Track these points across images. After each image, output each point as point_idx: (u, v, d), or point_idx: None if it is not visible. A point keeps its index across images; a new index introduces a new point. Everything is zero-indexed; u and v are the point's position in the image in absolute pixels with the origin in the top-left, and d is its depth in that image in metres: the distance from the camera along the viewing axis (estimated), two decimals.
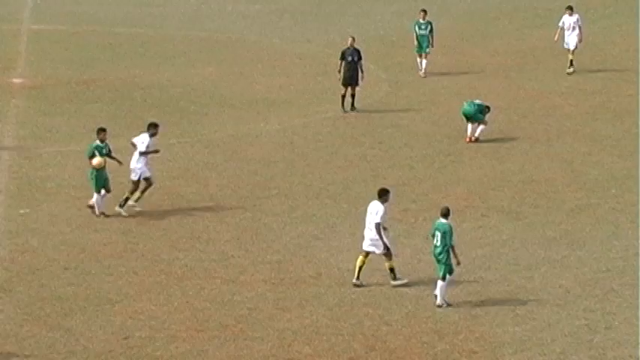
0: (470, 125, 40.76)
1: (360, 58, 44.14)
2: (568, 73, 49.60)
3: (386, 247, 29.08)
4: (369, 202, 29.74)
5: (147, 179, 34.41)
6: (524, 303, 28.54)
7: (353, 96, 44.13)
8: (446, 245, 28.30)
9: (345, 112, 43.97)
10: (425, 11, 49.51)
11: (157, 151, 35.02)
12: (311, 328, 27.11)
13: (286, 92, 47.14)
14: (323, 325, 27.29)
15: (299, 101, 45.89)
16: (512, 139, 41.30)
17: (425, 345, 26.45)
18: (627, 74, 49.71)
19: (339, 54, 44.40)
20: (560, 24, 49.86)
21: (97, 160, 28.81)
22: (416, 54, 49.36)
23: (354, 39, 44.56)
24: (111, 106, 44.57)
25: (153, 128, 34.82)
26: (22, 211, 34.15)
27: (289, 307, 28.19)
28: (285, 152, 39.78)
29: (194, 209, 34.53)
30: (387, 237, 29.22)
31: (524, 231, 32.95)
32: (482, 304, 28.49)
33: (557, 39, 49.51)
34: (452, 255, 28.27)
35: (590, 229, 33.13)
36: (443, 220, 28.61)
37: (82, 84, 47.57)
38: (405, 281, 29.27)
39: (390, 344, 26.49)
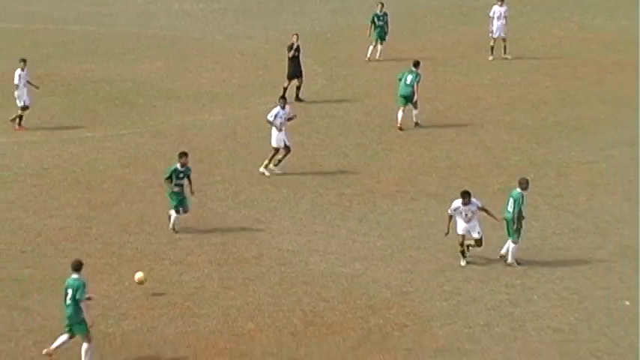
0: (401, 112, 40.83)
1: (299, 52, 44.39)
2: (507, 59, 50.41)
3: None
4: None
5: (286, 147, 36.09)
6: (450, 280, 28.69)
7: (298, 87, 44.32)
8: (516, 212, 29.12)
9: (301, 101, 44.22)
10: (382, 4, 50.55)
11: (292, 118, 36.64)
12: (254, 305, 27.11)
13: (229, 86, 47.11)
14: (265, 302, 27.30)
15: (241, 94, 45.87)
16: (439, 128, 41.47)
17: (359, 320, 26.51)
18: (544, 68, 50.12)
19: (287, 49, 44.51)
20: (491, 14, 50.45)
21: (139, 276, 27.47)
22: (373, 42, 50.68)
23: (298, 36, 44.64)
24: (64, 99, 44.37)
25: (282, 101, 36.72)
26: None
27: (233, 286, 28.19)
28: (228, 142, 39.75)
29: (143, 195, 34.43)
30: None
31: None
32: (412, 281, 28.61)
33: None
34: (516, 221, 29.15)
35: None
36: (518, 190, 29.46)
37: (36, 79, 47.12)
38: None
39: (327, 319, 26.54)
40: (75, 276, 24.11)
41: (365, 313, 26.80)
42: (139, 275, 26.18)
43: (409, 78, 40.84)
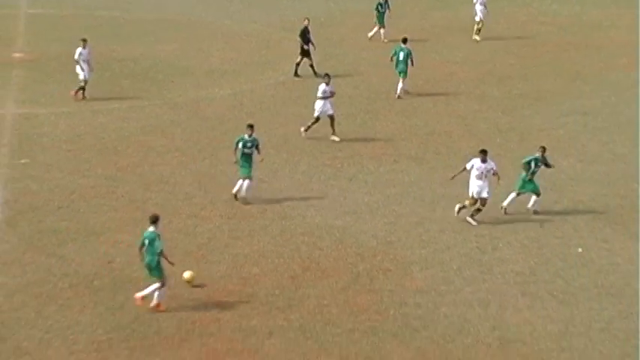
0: (401, 83, 41.14)
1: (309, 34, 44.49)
2: (476, 40, 50.22)
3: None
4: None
5: (330, 116, 35.77)
6: (428, 230, 28.75)
7: (312, 65, 44.23)
8: (532, 173, 29.47)
9: (299, 77, 44.04)
10: None
11: (333, 94, 36.13)
12: (258, 253, 27.18)
13: (236, 63, 46.98)
14: (268, 250, 27.37)
15: (246, 70, 45.76)
16: (418, 99, 41.44)
17: (350, 265, 26.59)
18: (508, 47, 50.00)
19: (299, 32, 44.49)
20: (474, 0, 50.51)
21: (188, 275, 25.60)
22: (377, 25, 50.46)
23: (309, 20, 44.76)
24: (94, 75, 44.19)
25: (327, 78, 36.27)
26: (22, 161, 33.91)
27: (240, 237, 28.24)
28: (235, 112, 39.69)
29: (163, 159, 34.41)
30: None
31: (428, 173, 33.14)
32: (395, 231, 28.67)
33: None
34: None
35: None
36: (537, 155, 29.75)
37: (69, 57, 47.00)
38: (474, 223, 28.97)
39: (321, 265, 26.61)
40: (151, 229, 24.09)
41: (354, 260, 26.88)
42: (187, 275, 25.21)
43: (401, 55, 41.09)
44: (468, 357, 22.36)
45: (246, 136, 30.66)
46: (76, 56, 40.42)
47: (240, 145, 30.55)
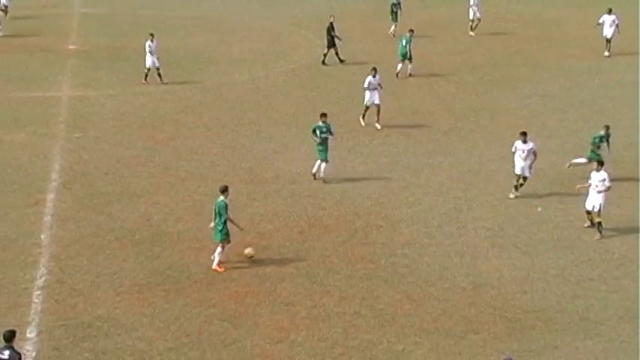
0: (401, 65, 41.50)
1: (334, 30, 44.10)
2: (471, 35, 49.85)
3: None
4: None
5: (377, 105, 34.45)
6: (414, 193, 28.69)
7: (337, 53, 43.92)
8: (598, 147, 28.97)
9: (326, 65, 43.66)
10: None
11: (380, 86, 34.62)
12: (272, 212, 27.14)
13: (253, 54, 46.77)
14: (280, 210, 27.32)
15: (262, 59, 45.57)
16: (405, 84, 41.25)
17: (348, 222, 26.54)
18: (481, 41, 49.68)
19: (327, 28, 44.15)
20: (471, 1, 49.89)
21: (248, 251, 24.06)
22: (391, 22, 49.63)
23: (334, 16, 44.47)
24: (135, 64, 44.08)
25: (373, 71, 34.53)
26: (76, 135, 33.84)
27: (257, 198, 28.19)
28: (253, 94, 39.56)
29: (193, 133, 34.32)
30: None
31: (414, 145, 33.04)
32: (386, 194, 28.60)
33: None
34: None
35: (457, 144, 33.28)
36: (602, 132, 29.31)
37: (115, 49, 47.00)
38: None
39: (324, 222, 26.57)
40: (221, 197, 23.56)
41: (352, 218, 26.83)
42: (248, 251, 24.02)
43: (404, 41, 41.62)
44: (447, 298, 22.34)
45: (320, 123, 29.31)
46: (146, 48, 40.15)
47: (318, 131, 29.28)
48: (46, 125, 34.88)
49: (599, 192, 25.42)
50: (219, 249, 23.56)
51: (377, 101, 34.43)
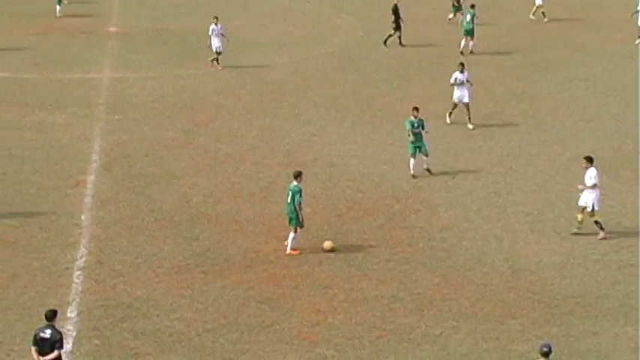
0: (464, 41, 41.90)
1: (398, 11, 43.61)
2: (531, 19, 49.00)
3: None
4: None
5: (465, 104, 32.34)
6: (452, 177, 28.57)
7: (399, 37, 43.60)
8: None
9: (387, 46, 43.51)
10: None
11: (468, 82, 32.44)
12: (310, 195, 27.07)
13: (293, 37, 46.76)
14: (318, 193, 27.32)
15: (301, 43, 45.53)
16: (447, 67, 40.99)
17: (386, 205, 26.50)
18: (522, 23, 49.18)
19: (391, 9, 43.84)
20: None
21: (328, 245, 23.52)
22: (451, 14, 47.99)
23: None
24: (175, 46, 44.33)
25: (460, 66, 32.63)
26: (117, 117, 34.08)
27: None
28: (292, 77, 39.55)
29: (232, 115, 34.42)
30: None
31: (453, 129, 32.85)
32: (425, 177, 28.51)
33: None
34: None
35: (497, 128, 33.07)
36: None
37: (155, 31, 47.19)
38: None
39: (363, 205, 26.55)
40: (295, 183, 23.42)
41: (390, 201, 26.78)
42: (327, 245, 23.45)
43: (468, 17, 42.14)
44: (485, 283, 22.25)
45: (412, 118, 28.41)
46: (210, 32, 40.16)
47: (409, 126, 28.26)
48: (87, 107, 35.14)
49: (583, 189, 24.21)
50: (292, 234, 23.36)
51: (466, 99, 32.37)
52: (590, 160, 24.58)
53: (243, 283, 22.09)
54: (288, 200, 23.34)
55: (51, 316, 17.29)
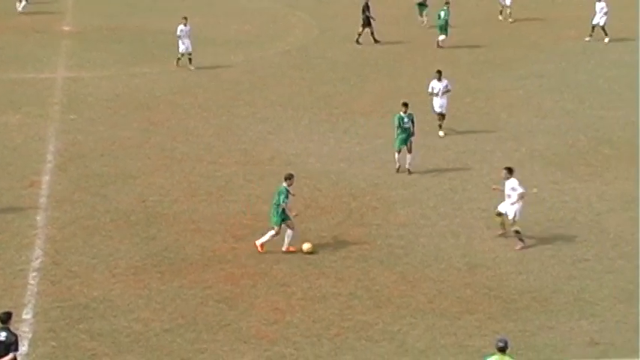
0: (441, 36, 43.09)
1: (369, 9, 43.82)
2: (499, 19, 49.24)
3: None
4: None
5: (443, 114, 31.45)
6: (410, 174, 28.67)
7: (372, 33, 43.68)
8: None
9: (360, 44, 43.60)
10: None
11: (449, 90, 31.42)
12: (268, 194, 26.96)
13: (249, 35, 46.65)
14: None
15: (257, 41, 45.44)
16: (401, 64, 41.21)
17: (344, 203, 26.55)
18: (477, 20, 49.54)
19: (361, 7, 43.88)
20: None
21: (306, 246, 23.52)
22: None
23: None
24: (130, 45, 44.03)
25: (437, 74, 31.65)
26: (71, 117, 33.79)
27: (253, 180, 28.19)
28: (248, 76, 39.48)
29: (188, 114, 34.27)
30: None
31: None
32: (381, 175, 28.60)
33: None
34: None
35: (453, 125, 33.15)
36: None
37: (110, 30, 46.84)
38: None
39: (320, 203, 26.57)
40: (284, 184, 23.40)
41: (347, 199, 26.84)
42: (306, 247, 23.40)
43: (442, 14, 43.10)
44: (442, 279, 22.39)
45: (401, 113, 28.39)
46: (178, 32, 39.73)
47: (398, 122, 28.31)
48: (41, 107, 34.81)
49: (513, 203, 23.62)
50: (271, 232, 23.33)
51: (444, 109, 31.60)
52: (510, 171, 24.13)
53: (200, 283, 22.01)
54: (274, 201, 23.43)
55: (6, 318, 17.12)
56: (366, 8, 43.84)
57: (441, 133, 31.76)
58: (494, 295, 21.65)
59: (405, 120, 28.51)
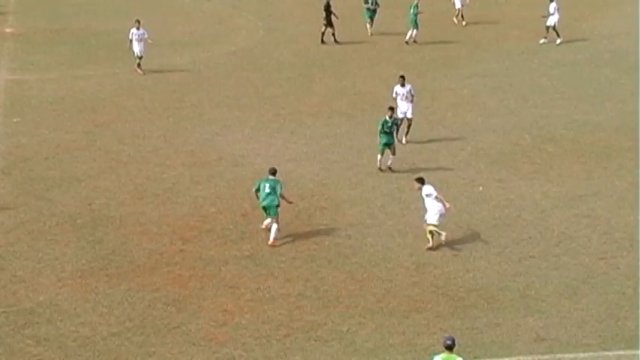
0: (409, 32, 43.86)
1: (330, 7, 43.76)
2: (454, 22, 49.09)
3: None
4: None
5: (408, 119, 31.11)
6: (356, 174, 28.78)
7: (333, 34, 43.80)
8: None
9: (325, 43, 43.67)
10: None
11: (413, 95, 31.12)
12: (215, 195, 27.06)
13: (194, 36, 46.45)
14: (223, 193, 27.24)
15: (203, 42, 45.26)
16: (346, 64, 41.32)
17: (291, 204, 26.51)
18: (420, 22, 49.80)
19: (323, 6, 43.99)
20: None
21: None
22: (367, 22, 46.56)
23: None
24: (74, 47, 43.61)
25: (401, 79, 31.14)
26: (15, 120, 33.37)
27: (200, 181, 28.08)
28: (194, 77, 39.30)
29: (134, 116, 34.03)
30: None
31: (356, 127, 33.07)
32: (329, 176, 28.65)
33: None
34: None
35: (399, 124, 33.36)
36: None
37: (54, 32, 46.34)
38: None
39: None
40: (272, 177, 24.00)
41: (295, 200, 26.75)
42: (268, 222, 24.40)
43: (412, 10, 43.84)
44: (390, 278, 22.49)
45: (387, 118, 28.41)
46: (130, 36, 39.17)
47: (381, 126, 28.37)
48: None
49: (433, 208, 23.89)
50: (275, 225, 23.69)
51: (409, 114, 31.12)
52: (421, 181, 24.36)
53: (148, 285, 21.88)
54: (267, 191, 23.82)
55: None
56: (328, 6, 43.88)
57: (404, 141, 30.91)
58: (442, 293, 21.81)
59: (390, 124, 28.41)
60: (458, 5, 48.95)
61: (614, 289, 21.95)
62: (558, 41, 44.34)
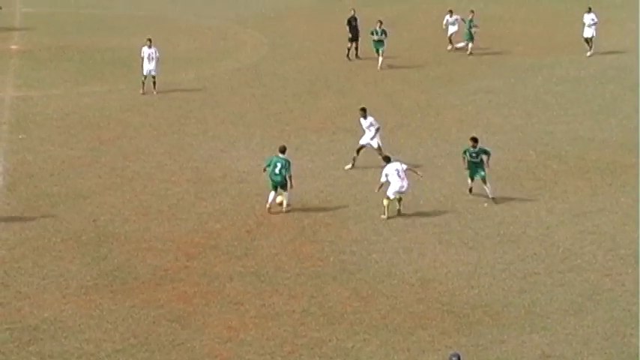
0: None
1: (357, 22, 43.84)
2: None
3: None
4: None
5: (378, 147, 29.93)
6: (361, 190, 28.74)
7: (356, 48, 43.97)
8: None
9: (350, 60, 43.69)
10: (380, 22, 44.33)
11: (378, 129, 30.03)
12: (220, 211, 27.05)
13: (199, 52, 46.59)
14: (228, 209, 27.23)
15: (208, 58, 45.39)
16: (351, 82, 41.38)
17: (296, 220, 26.54)
18: (425, 38, 49.90)
19: (346, 21, 44.10)
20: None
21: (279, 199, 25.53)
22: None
23: (354, 10, 44.30)
24: (79, 63, 43.75)
25: (362, 112, 30.25)
26: (20, 136, 33.44)
27: (205, 197, 28.08)
28: (199, 93, 39.39)
29: (139, 133, 34.08)
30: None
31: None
32: (334, 192, 28.64)
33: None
34: None
35: (404, 141, 33.42)
36: None
37: (59, 48, 46.51)
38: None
39: (272, 220, 26.53)
40: (282, 155, 26.51)
41: (300, 215, 26.82)
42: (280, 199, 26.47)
43: (468, 24, 45.62)
44: (395, 295, 22.44)
45: (470, 147, 27.78)
46: (142, 54, 39.10)
47: (464, 154, 27.84)
48: None
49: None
50: (286, 194, 26.13)
51: (370, 142, 30.15)
52: (387, 159, 27.20)
53: (153, 302, 21.84)
54: (277, 171, 26.27)
55: None
56: (352, 21, 43.92)
57: (347, 166, 30.26)
58: (447, 310, 21.75)
59: (473, 154, 27.80)
60: (450, 31, 48.27)
61: (620, 306, 21.88)
62: (588, 53, 44.39)
